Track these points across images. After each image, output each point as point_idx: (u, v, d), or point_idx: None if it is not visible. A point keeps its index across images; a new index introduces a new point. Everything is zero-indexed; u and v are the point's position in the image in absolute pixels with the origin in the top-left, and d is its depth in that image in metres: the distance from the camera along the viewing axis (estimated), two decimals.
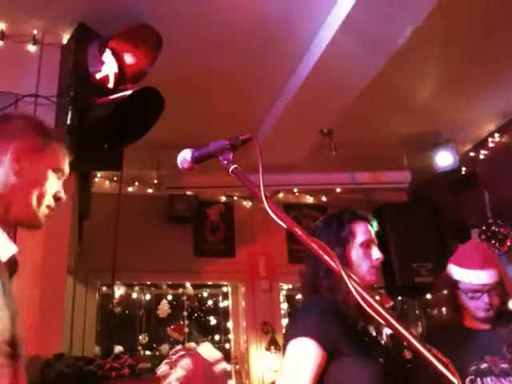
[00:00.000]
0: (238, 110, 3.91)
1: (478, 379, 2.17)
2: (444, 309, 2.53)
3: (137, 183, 4.90)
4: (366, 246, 1.85)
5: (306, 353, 1.57)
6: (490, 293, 2.30)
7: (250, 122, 4.03)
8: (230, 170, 1.22)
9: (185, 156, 1.32)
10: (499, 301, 2.33)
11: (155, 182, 4.86)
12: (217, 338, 5.10)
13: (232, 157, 1.25)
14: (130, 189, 4.86)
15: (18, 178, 1.35)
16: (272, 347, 4.78)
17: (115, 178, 4.65)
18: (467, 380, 2.15)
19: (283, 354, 1.71)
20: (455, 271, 2.44)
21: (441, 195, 5.10)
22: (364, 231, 1.87)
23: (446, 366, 0.82)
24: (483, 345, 2.25)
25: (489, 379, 2.15)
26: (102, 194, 4.46)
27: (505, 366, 2.17)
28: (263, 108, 3.98)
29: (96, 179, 4.60)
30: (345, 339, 1.62)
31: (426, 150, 4.68)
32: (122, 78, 2.70)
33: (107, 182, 4.72)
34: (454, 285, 2.44)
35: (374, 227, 1.93)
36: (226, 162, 1.24)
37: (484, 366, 2.18)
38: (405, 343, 0.90)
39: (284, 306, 5.27)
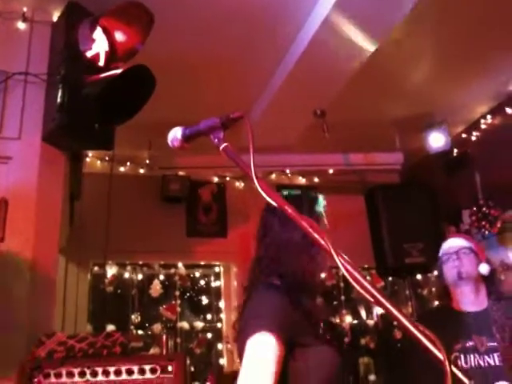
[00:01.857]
0: (230, 91, 3.88)
1: (462, 356, 2.23)
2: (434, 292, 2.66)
3: (129, 163, 4.88)
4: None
5: (267, 351, 1.46)
6: (461, 255, 2.43)
7: (242, 103, 4.01)
8: (221, 148, 1.22)
9: (175, 134, 1.31)
10: (472, 266, 2.44)
11: (147, 162, 4.84)
12: (209, 317, 5.13)
13: (223, 135, 1.24)
14: (122, 169, 4.85)
15: None
16: None
17: (107, 158, 4.63)
18: (451, 357, 2.21)
19: (238, 343, 1.61)
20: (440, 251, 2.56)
21: (433, 177, 5.12)
22: None
23: (433, 343, 0.83)
24: (471, 325, 2.31)
25: (472, 356, 2.22)
26: (94, 173, 4.43)
27: (492, 344, 2.23)
28: (256, 89, 3.95)
29: (87, 159, 4.58)
30: (303, 328, 1.55)
31: (419, 132, 4.68)
32: (112, 56, 2.66)
33: (99, 162, 4.70)
34: (440, 266, 2.53)
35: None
36: (216, 140, 1.23)
37: (469, 344, 2.25)
38: (395, 322, 0.91)
39: None
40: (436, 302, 4.96)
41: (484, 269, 2.44)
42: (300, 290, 1.63)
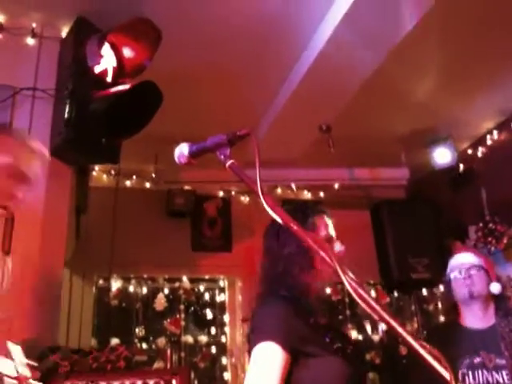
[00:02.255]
0: (237, 106, 3.90)
1: (470, 372, 2.20)
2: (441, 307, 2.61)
3: (135, 177, 4.89)
4: (328, 240, 1.83)
5: (271, 358, 1.52)
6: (472, 273, 2.39)
7: (249, 118, 4.03)
8: (228, 165, 1.22)
9: (182, 150, 1.31)
10: (483, 285, 2.40)
11: (153, 176, 4.86)
12: (213, 331, 5.11)
13: (229, 152, 1.24)
14: (128, 183, 4.86)
15: None
16: None
17: (113, 172, 4.65)
18: (459, 373, 2.18)
19: (248, 356, 1.64)
20: (449, 266, 2.52)
21: (439, 192, 5.10)
22: (325, 225, 1.83)
23: (438, 361, 0.83)
24: (479, 342, 2.29)
25: (480, 372, 2.18)
26: (100, 187, 4.45)
27: (500, 361, 2.20)
28: (262, 103, 3.97)
29: (93, 173, 4.60)
30: (308, 338, 1.59)
31: (424, 147, 4.68)
32: (120, 71, 2.69)
33: (105, 176, 4.72)
34: (448, 281, 2.50)
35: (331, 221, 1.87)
36: (223, 157, 1.24)
37: (477, 360, 2.22)
38: (400, 339, 0.91)
39: None
40: (442, 318, 4.93)
41: (495, 288, 2.41)
42: (305, 301, 1.67)
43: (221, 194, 5.29)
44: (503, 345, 2.24)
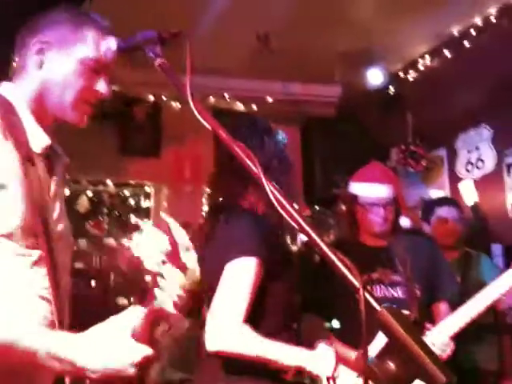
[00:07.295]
0: (172, 8, 3.71)
1: (368, 287, 2.34)
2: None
3: None
4: None
5: (246, 274, 1.56)
6: (386, 207, 2.46)
7: (185, 22, 3.84)
8: (157, 64, 1.17)
9: (109, 45, 1.25)
10: (393, 216, 2.49)
11: None
12: None
13: (160, 50, 1.19)
14: None
15: (44, 72, 1.28)
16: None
17: None
18: None
19: (210, 266, 1.70)
20: (354, 187, 2.57)
21: (367, 113, 5.19)
22: None
23: (349, 269, 0.87)
24: (376, 258, 2.42)
25: (378, 288, 2.35)
26: None
27: (395, 277, 2.37)
28: (199, 7, 3.80)
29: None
30: (278, 249, 1.67)
31: (358, 67, 4.69)
32: None
33: None
34: (352, 200, 2.56)
35: None
36: (152, 54, 1.18)
37: (375, 276, 2.37)
38: (316, 248, 0.93)
39: (206, 209, 5.35)
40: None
41: (405, 223, 2.48)
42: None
43: (151, 98, 5.13)
44: (398, 261, 2.39)
